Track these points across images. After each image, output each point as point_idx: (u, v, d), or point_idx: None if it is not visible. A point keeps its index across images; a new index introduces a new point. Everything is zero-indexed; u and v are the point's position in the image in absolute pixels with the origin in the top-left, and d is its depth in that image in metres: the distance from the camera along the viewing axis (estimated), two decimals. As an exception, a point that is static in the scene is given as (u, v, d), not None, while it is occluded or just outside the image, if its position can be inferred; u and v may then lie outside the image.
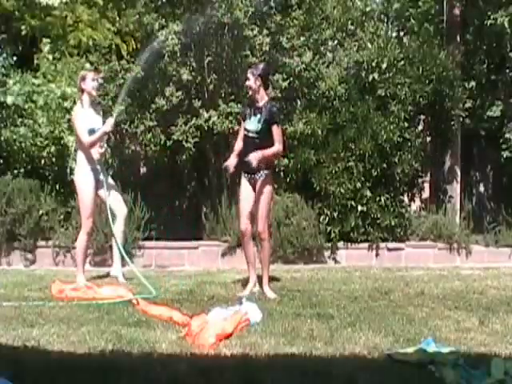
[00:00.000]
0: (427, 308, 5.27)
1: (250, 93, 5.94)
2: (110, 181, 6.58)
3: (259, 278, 5.93)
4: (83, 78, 6.39)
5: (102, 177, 6.40)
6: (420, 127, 9.75)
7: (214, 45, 8.78)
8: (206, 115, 8.55)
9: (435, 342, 3.87)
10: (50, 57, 8.86)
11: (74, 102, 8.25)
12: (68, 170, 8.37)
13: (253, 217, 5.91)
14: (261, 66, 6.13)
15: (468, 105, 10.65)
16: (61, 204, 8.12)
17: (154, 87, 8.82)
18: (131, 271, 6.45)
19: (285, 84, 8.62)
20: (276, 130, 5.80)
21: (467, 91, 10.49)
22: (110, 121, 6.37)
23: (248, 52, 8.61)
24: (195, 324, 4.19)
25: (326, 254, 8.51)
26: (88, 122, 6.32)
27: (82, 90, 6.40)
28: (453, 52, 9.71)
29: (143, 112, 8.77)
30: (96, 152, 6.35)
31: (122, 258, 6.43)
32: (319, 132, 8.57)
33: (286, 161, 8.72)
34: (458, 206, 10.66)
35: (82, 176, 6.34)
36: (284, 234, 8.14)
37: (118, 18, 9.70)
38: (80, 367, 3.34)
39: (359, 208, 8.51)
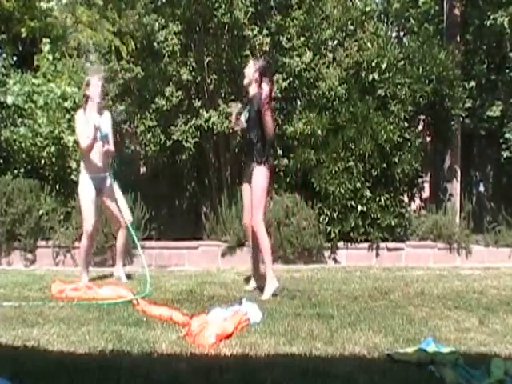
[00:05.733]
0: (427, 308, 5.27)
1: (246, 81, 5.76)
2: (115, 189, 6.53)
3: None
4: (87, 84, 6.27)
5: (107, 183, 6.37)
6: (420, 127, 9.75)
7: (214, 45, 8.79)
8: (205, 115, 8.56)
9: (435, 341, 3.86)
10: (50, 57, 8.85)
11: (74, 102, 8.28)
12: (68, 170, 8.38)
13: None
14: (263, 61, 5.89)
15: (468, 105, 10.66)
16: (61, 204, 8.12)
17: (153, 87, 8.82)
18: (132, 270, 6.43)
19: (285, 84, 8.63)
20: (264, 112, 5.50)
21: (467, 91, 10.49)
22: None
23: (248, 52, 8.61)
24: (195, 324, 4.18)
25: (326, 254, 8.51)
26: (90, 126, 6.15)
27: (87, 97, 6.26)
28: (453, 52, 9.70)
29: (143, 112, 8.78)
30: (98, 157, 6.26)
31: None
32: (319, 132, 8.57)
33: (285, 161, 8.74)
34: (457, 206, 10.67)
35: (82, 183, 6.32)
36: (284, 233, 8.14)
37: (117, 19, 9.69)
38: (80, 367, 3.33)
39: (359, 208, 8.51)
